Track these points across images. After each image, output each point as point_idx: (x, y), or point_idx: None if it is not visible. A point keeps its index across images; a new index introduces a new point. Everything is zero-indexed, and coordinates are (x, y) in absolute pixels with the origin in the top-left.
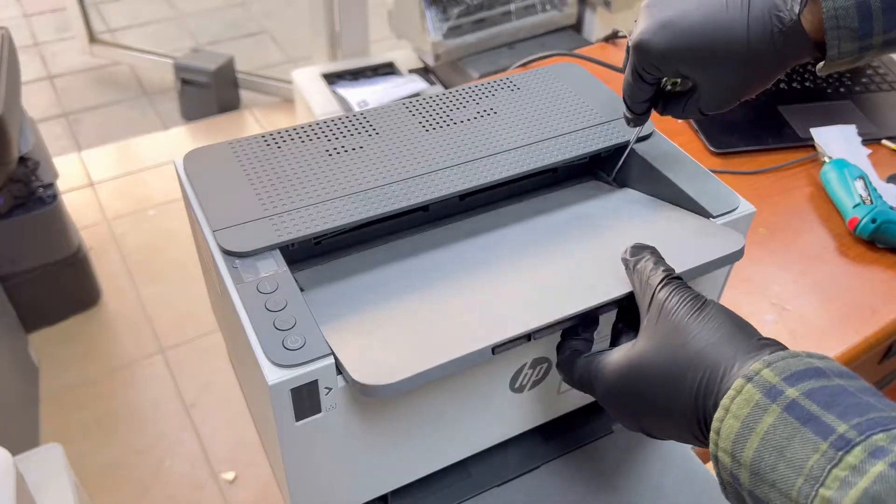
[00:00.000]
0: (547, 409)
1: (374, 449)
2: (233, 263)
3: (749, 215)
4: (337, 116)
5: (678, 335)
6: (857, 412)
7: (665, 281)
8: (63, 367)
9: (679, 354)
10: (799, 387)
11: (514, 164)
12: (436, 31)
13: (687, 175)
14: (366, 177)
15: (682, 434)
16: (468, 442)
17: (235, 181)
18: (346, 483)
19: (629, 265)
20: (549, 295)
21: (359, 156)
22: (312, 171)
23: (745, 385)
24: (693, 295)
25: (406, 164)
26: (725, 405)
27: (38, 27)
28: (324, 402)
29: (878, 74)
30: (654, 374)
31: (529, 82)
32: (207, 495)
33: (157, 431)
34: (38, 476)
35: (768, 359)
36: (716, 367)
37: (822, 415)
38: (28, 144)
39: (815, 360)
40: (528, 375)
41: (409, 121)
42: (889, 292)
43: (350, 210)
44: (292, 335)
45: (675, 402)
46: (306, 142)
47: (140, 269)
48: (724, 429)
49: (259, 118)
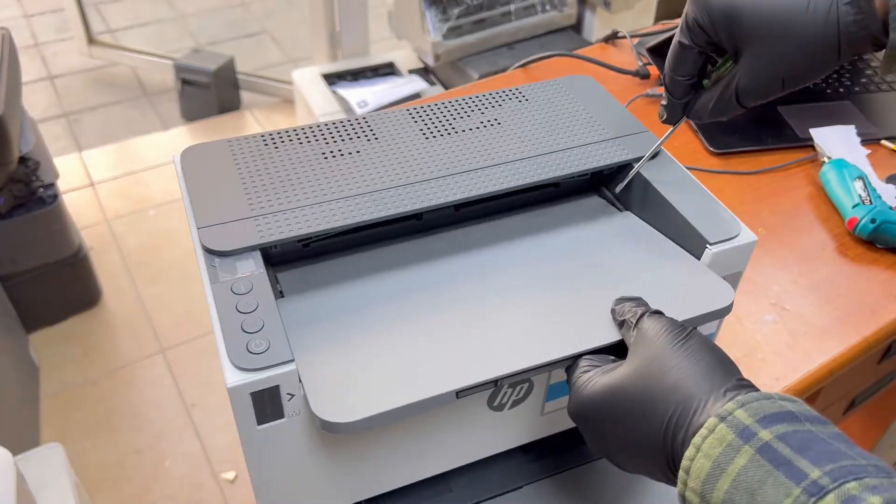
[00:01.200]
0: (530, 430)
1: (342, 458)
2: (212, 262)
3: (750, 244)
4: (339, 119)
5: (657, 363)
6: (830, 459)
7: (649, 313)
8: (63, 367)
9: (655, 383)
10: (772, 429)
11: (511, 177)
12: (436, 32)
13: (689, 199)
14: (358, 182)
15: (647, 466)
16: (445, 457)
17: (228, 179)
18: (313, 490)
19: (614, 314)
20: (526, 337)
21: (354, 160)
22: (305, 173)
23: (717, 424)
24: (678, 325)
25: (401, 170)
26: (697, 443)
27: (38, 27)
28: (286, 408)
29: (877, 74)
30: (628, 400)
31: (539, 94)
32: (207, 495)
33: (157, 431)
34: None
35: (742, 398)
36: (689, 402)
37: (796, 459)
38: (28, 144)
39: (788, 404)
40: (507, 394)
41: (410, 127)
42: (889, 292)
43: (337, 215)
44: (257, 338)
45: (645, 430)
46: (304, 143)
47: (140, 269)
48: (695, 468)
49: (259, 118)
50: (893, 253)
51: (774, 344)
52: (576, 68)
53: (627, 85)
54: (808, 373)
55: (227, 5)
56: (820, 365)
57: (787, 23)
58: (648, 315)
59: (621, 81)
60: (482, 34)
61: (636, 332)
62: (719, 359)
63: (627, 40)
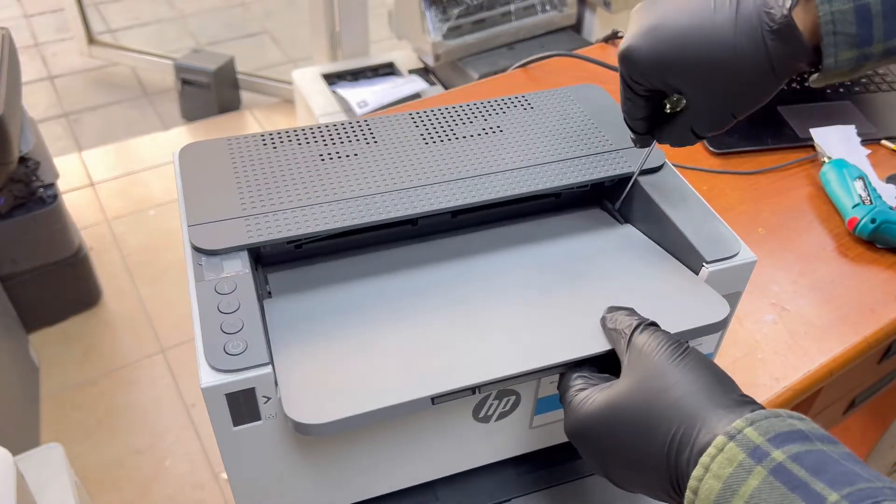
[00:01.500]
0: (518, 443)
1: (322, 462)
2: (199, 260)
3: (749, 264)
4: (339, 121)
5: (656, 380)
6: (847, 482)
7: (642, 326)
8: (63, 367)
9: (656, 401)
10: (784, 449)
11: (508, 186)
12: (436, 32)
13: (689, 215)
14: (353, 185)
15: (650, 485)
16: (430, 466)
17: (223, 178)
18: (293, 494)
19: (604, 323)
20: (511, 345)
21: (351, 163)
22: (301, 174)
23: (726, 443)
24: (673, 340)
25: (398, 175)
26: (705, 463)
27: (38, 27)
28: (263, 411)
29: (877, 74)
30: (628, 418)
31: (544, 102)
32: (207, 495)
33: (157, 431)
34: (38, 476)
35: (750, 416)
36: (692, 420)
37: (812, 482)
38: (28, 144)
39: (797, 422)
40: (493, 406)
41: (410, 132)
42: (889, 292)
43: (328, 217)
44: (235, 339)
45: (646, 449)
46: (303, 144)
47: (140, 269)
48: (704, 489)
49: (259, 118)
50: (893, 253)
51: (774, 344)
52: (576, 68)
53: None
54: (808, 373)
55: (227, 5)
56: (820, 365)
57: (719, 65)
58: (643, 328)
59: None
60: (482, 34)
61: (630, 347)
62: (718, 375)
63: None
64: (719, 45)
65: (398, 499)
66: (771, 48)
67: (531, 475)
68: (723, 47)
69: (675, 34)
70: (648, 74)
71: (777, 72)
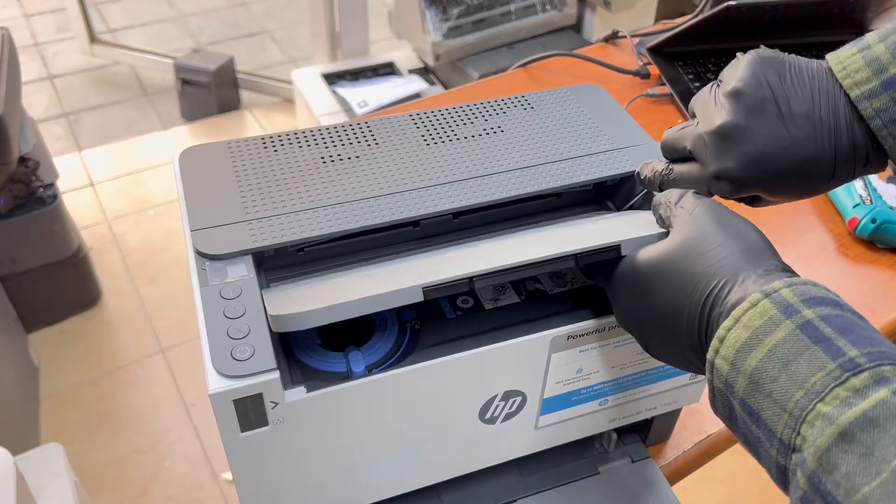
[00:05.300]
0: (524, 444)
1: (328, 467)
2: (203, 265)
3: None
4: (340, 123)
5: (703, 241)
6: (869, 343)
7: (693, 191)
8: (63, 367)
9: (699, 257)
10: (816, 310)
11: (510, 186)
12: (436, 32)
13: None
14: (355, 187)
15: (675, 342)
16: (435, 468)
17: (224, 182)
18: (299, 499)
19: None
20: (503, 251)
21: (353, 165)
22: (303, 177)
23: (761, 300)
24: (724, 206)
25: (400, 177)
26: (737, 315)
27: (38, 27)
28: (271, 416)
29: None
30: (671, 271)
31: (545, 102)
32: (207, 495)
33: (157, 431)
34: (38, 476)
35: (788, 280)
36: (731, 278)
37: (835, 338)
38: (28, 144)
39: (834, 296)
40: (499, 407)
41: (412, 133)
42: (889, 292)
43: (332, 221)
44: (242, 345)
45: (682, 302)
46: (304, 147)
47: (140, 269)
48: (731, 337)
49: (259, 118)
50: (894, 253)
51: None
52: (576, 68)
53: (628, 85)
54: None
55: (227, 5)
56: None
57: (814, 175)
58: (693, 194)
59: (621, 81)
60: (482, 34)
61: (680, 209)
62: (763, 242)
63: (627, 40)
64: (822, 172)
65: (403, 503)
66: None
67: (534, 477)
68: (824, 174)
69: (781, 166)
70: (741, 191)
71: (855, 174)
